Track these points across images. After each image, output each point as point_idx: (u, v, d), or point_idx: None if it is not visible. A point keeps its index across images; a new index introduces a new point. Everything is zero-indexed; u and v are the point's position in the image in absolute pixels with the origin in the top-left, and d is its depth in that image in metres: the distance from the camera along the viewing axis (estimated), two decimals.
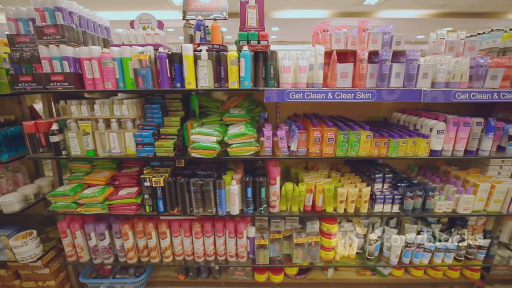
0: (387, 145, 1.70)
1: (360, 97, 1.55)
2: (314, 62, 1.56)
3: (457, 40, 1.73)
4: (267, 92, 1.56)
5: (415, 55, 1.54)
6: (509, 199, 1.81)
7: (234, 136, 1.67)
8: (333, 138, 1.67)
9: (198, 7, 1.90)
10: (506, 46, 1.72)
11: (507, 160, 1.97)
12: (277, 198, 1.83)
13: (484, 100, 1.56)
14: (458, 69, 1.56)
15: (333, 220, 1.99)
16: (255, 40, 1.66)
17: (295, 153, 1.74)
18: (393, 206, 1.85)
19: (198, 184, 1.76)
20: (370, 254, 2.00)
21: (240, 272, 2.26)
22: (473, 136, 1.70)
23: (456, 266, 2.13)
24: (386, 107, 2.31)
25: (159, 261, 2.03)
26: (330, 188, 1.81)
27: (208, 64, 1.58)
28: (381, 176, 1.87)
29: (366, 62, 1.56)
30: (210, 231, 1.96)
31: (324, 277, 2.30)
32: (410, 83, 1.58)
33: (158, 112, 1.85)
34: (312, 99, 1.55)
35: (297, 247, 1.96)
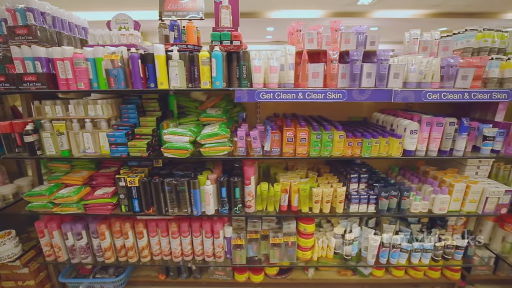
0: (361, 145, 1.70)
1: (331, 97, 1.55)
2: (284, 62, 1.56)
3: (431, 40, 1.73)
4: (237, 92, 1.56)
5: (385, 55, 1.54)
6: (484, 199, 1.81)
7: (207, 136, 1.67)
8: (305, 138, 1.67)
9: (174, 7, 1.90)
10: (480, 46, 1.72)
11: (484, 160, 1.97)
12: (252, 198, 1.83)
13: (455, 100, 1.56)
14: (429, 69, 1.56)
15: (310, 220, 1.99)
16: (228, 40, 1.66)
17: (268, 153, 1.74)
18: (369, 206, 1.85)
19: (172, 184, 1.76)
20: (347, 254, 2.00)
21: (221, 272, 2.26)
22: (447, 136, 1.70)
23: (432, 266, 2.12)
24: (367, 107, 2.31)
25: (137, 261, 2.03)
26: (305, 188, 1.81)
27: (179, 64, 1.58)
28: (356, 176, 1.87)
29: (337, 62, 1.56)
30: (187, 231, 1.96)
31: (305, 277, 2.31)
32: (382, 83, 1.58)
33: (134, 112, 1.85)
34: (282, 99, 1.55)
35: (274, 247, 1.97)
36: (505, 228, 2.04)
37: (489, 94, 1.56)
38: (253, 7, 7.32)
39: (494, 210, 1.84)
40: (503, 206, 1.83)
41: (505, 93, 1.56)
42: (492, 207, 1.83)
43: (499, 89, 1.57)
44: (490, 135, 1.72)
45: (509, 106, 2.08)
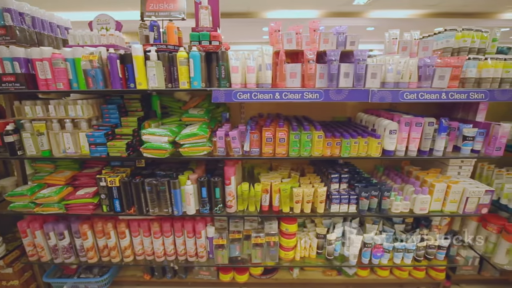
0: (340, 145, 1.70)
1: (308, 97, 1.55)
2: (261, 62, 1.56)
3: (410, 40, 1.72)
4: (214, 93, 1.56)
5: (363, 55, 1.54)
6: (464, 199, 1.81)
7: (186, 136, 1.68)
8: (284, 138, 1.67)
9: (155, 8, 1.90)
10: (460, 46, 1.71)
11: (466, 160, 1.97)
12: (232, 198, 1.84)
13: (433, 100, 1.56)
14: (406, 69, 1.56)
15: (292, 220, 1.99)
16: (207, 40, 1.66)
17: (248, 153, 1.74)
18: (350, 206, 1.85)
19: (152, 184, 1.77)
20: (329, 254, 2.00)
21: (205, 272, 2.26)
22: (426, 136, 1.70)
23: (414, 266, 2.12)
24: (352, 107, 2.31)
25: (120, 261, 2.03)
26: (286, 188, 1.81)
27: (157, 64, 1.59)
28: (337, 176, 1.87)
29: (314, 62, 1.56)
30: (169, 231, 1.96)
31: (290, 277, 2.31)
32: (359, 83, 1.58)
33: (115, 113, 1.85)
34: (259, 99, 1.55)
35: (256, 247, 1.97)
36: (488, 228, 2.04)
37: (467, 94, 1.56)
38: (248, 7, 7.32)
39: (475, 210, 1.84)
40: (484, 206, 1.83)
41: (482, 93, 1.56)
42: (473, 207, 1.83)
43: (477, 89, 1.57)
44: (470, 135, 1.72)
45: (491, 106, 2.09)
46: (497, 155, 1.72)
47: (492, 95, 1.57)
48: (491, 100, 1.58)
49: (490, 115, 2.10)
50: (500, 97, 1.58)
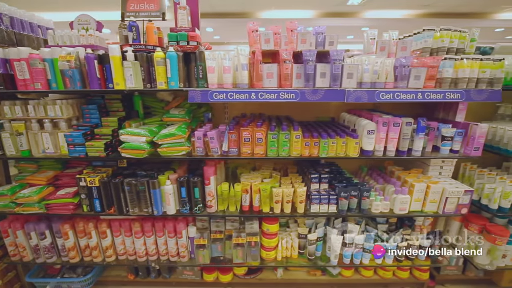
0: (318, 145, 1.70)
1: (284, 97, 1.55)
2: (237, 62, 1.57)
3: (388, 40, 1.73)
4: (190, 93, 1.57)
5: (339, 55, 1.54)
6: (444, 199, 1.81)
7: (164, 136, 1.68)
8: (262, 138, 1.67)
9: (136, 8, 1.91)
10: (438, 46, 1.71)
11: (447, 160, 1.97)
12: (212, 198, 1.84)
13: (409, 100, 1.56)
14: (382, 69, 1.56)
15: (273, 220, 1.99)
16: (185, 40, 1.66)
17: (226, 153, 1.74)
18: (330, 206, 1.85)
19: (132, 184, 1.77)
20: (310, 254, 2.00)
21: (189, 272, 2.27)
22: (404, 136, 1.70)
23: (394, 266, 2.13)
24: (336, 107, 2.31)
25: (102, 261, 2.04)
26: (266, 188, 1.81)
27: (133, 65, 1.59)
28: (317, 177, 1.87)
29: (291, 63, 1.56)
30: (150, 230, 1.96)
31: (274, 277, 2.31)
32: (336, 83, 1.58)
33: (95, 113, 1.86)
34: (235, 99, 1.56)
35: (237, 247, 1.97)
36: (469, 228, 2.04)
37: (443, 94, 1.56)
38: (242, 7, 7.32)
39: (454, 210, 1.84)
40: (464, 206, 1.83)
41: (459, 93, 1.56)
42: (453, 207, 1.83)
43: (453, 89, 1.57)
44: (448, 135, 1.72)
45: (471, 106, 2.09)
46: (476, 155, 1.72)
47: (468, 95, 1.57)
48: (467, 100, 1.58)
49: (474, 116, 2.13)
50: (476, 97, 1.58)
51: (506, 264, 2.00)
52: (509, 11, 7.08)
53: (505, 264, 2.00)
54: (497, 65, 1.58)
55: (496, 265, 1.98)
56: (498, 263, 1.98)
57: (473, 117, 2.13)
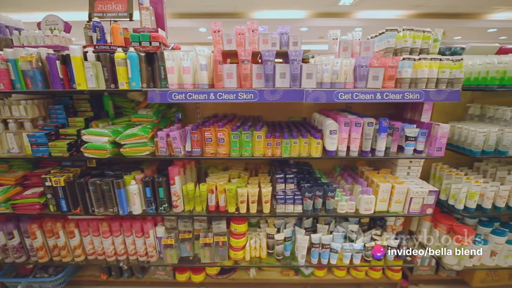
0: (280, 146, 1.70)
1: (242, 97, 1.56)
2: (196, 63, 1.57)
3: (351, 40, 1.73)
4: (149, 93, 1.57)
5: (297, 56, 1.55)
6: (409, 199, 1.81)
7: (126, 136, 1.68)
8: (223, 138, 1.67)
9: (103, 9, 1.91)
10: (401, 47, 1.71)
11: (414, 161, 1.97)
12: (178, 198, 1.84)
13: (368, 100, 1.57)
14: (341, 69, 1.57)
15: (241, 220, 2.00)
16: (147, 41, 1.67)
17: (190, 153, 1.75)
18: (295, 206, 1.85)
19: (96, 184, 1.77)
20: (278, 254, 2.00)
21: (161, 272, 2.27)
22: (366, 136, 1.70)
23: (360, 266, 2.13)
24: (308, 107, 2.32)
25: (71, 260, 2.04)
26: (231, 188, 1.82)
27: (94, 65, 1.60)
28: (282, 177, 1.88)
29: (249, 63, 1.57)
30: (118, 230, 1.97)
31: (247, 277, 2.31)
32: (295, 84, 1.58)
33: (62, 113, 1.86)
34: (194, 99, 1.56)
35: (204, 247, 1.97)
36: (438, 229, 2.03)
37: (401, 95, 1.56)
38: (235, 7, 7.33)
39: (419, 211, 1.84)
40: (429, 207, 1.83)
41: (417, 93, 1.57)
42: (418, 208, 1.83)
43: (412, 89, 1.57)
44: (411, 135, 1.72)
45: (443, 107, 2.11)
46: (438, 155, 1.72)
47: (428, 95, 1.57)
48: (426, 101, 1.59)
49: (447, 116, 2.14)
50: (435, 97, 1.58)
51: (474, 264, 2.00)
52: (501, 11, 7.07)
53: (473, 264, 1.99)
54: (456, 65, 1.58)
55: (464, 265, 1.98)
56: (466, 263, 1.98)
57: (446, 118, 2.14)
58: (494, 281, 2.24)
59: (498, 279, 2.24)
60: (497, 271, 2.21)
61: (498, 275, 2.23)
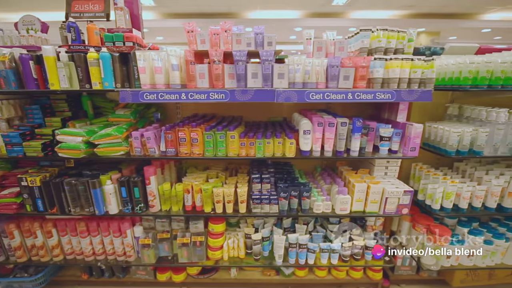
0: (253, 146, 1.70)
1: (214, 97, 1.56)
2: (168, 63, 1.57)
3: (325, 40, 1.73)
4: (121, 93, 1.57)
5: (268, 56, 1.55)
6: (384, 199, 1.81)
7: (100, 136, 1.69)
8: (197, 138, 1.68)
9: (80, 9, 1.92)
10: (376, 47, 1.71)
11: (392, 161, 1.96)
12: (154, 197, 1.84)
13: (339, 100, 1.56)
14: (312, 69, 1.57)
15: (218, 220, 2.00)
16: (121, 41, 1.67)
17: (164, 153, 1.75)
18: (271, 206, 1.85)
19: (71, 184, 1.78)
20: (256, 254, 2.00)
21: (142, 272, 2.27)
22: (340, 136, 1.70)
23: (339, 266, 2.14)
24: (288, 107, 2.32)
25: (49, 260, 2.05)
26: (207, 188, 1.82)
27: (66, 65, 1.60)
28: (258, 177, 1.88)
29: (221, 63, 1.57)
30: (96, 230, 1.97)
31: (228, 277, 2.31)
32: (267, 84, 1.58)
33: (38, 113, 1.87)
34: (166, 100, 1.56)
35: (182, 247, 1.97)
36: (416, 229, 2.04)
37: (373, 95, 1.56)
38: (229, 8, 7.34)
39: (395, 211, 1.84)
40: (404, 207, 1.83)
41: (389, 93, 1.57)
42: (393, 208, 1.83)
43: (383, 89, 1.57)
44: (386, 136, 1.72)
45: (425, 107, 2.11)
46: (412, 155, 1.73)
47: (399, 95, 1.57)
48: (398, 101, 1.59)
49: (428, 116, 2.16)
50: (407, 97, 1.58)
51: (452, 264, 2.00)
52: (495, 11, 7.08)
53: (451, 264, 1.99)
54: (428, 65, 1.58)
55: (441, 265, 1.98)
56: (443, 263, 1.98)
57: (427, 118, 2.15)
58: (474, 281, 2.24)
59: (478, 279, 2.24)
60: (477, 271, 2.21)
61: (478, 275, 2.23)
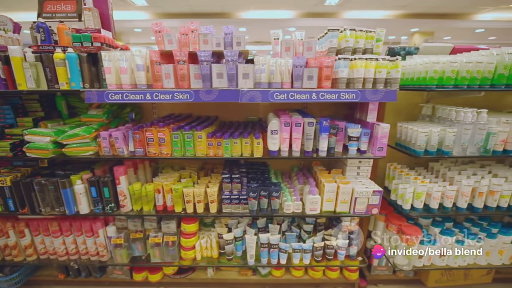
0: (221, 146, 1.71)
1: (178, 97, 1.56)
2: (133, 63, 1.58)
3: (292, 40, 1.73)
4: (87, 93, 1.58)
5: (233, 56, 1.55)
6: (354, 199, 1.81)
7: (68, 136, 1.69)
8: (164, 138, 1.68)
9: (52, 9, 1.92)
10: (344, 47, 1.71)
11: (364, 161, 1.96)
12: (124, 197, 1.85)
13: (303, 100, 1.57)
14: (276, 69, 1.57)
15: (191, 220, 2.00)
16: (89, 41, 1.68)
17: (133, 153, 1.75)
18: (242, 206, 1.85)
19: (41, 184, 1.78)
20: (228, 254, 2.00)
21: (118, 271, 2.27)
22: (307, 136, 1.71)
23: (312, 266, 2.16)
24: (264, 107, 2.32)
25: (22, 260, 2.05)
26: (177, 188, 1.82)
27: (33, 65, 1.61)
28: (228, 177, 1.88)
29: (186, 63, 1.57)
30: (69, 230, 1.98)
31: (205, 277, 2.32)
32: (232, 84, 1.58)
33: (10, 113, 1.88)
34: (131, 100, 1.57)
35: (154, 247, 1.98)
36: (389, 229, 2.04)
37: (337, 95, 1.56)
38: (222, 8, 7.35)
39: (365, 211, 1.84)
40: (374, 207, 1.83)
41: (354, 93, 1.57)
42: (363, 208, 1.83)
43: (348, 89, 1.57)
44: (354, 135, 1.72)
45: (396, 107, 2.12)
46: (380, 155, 1.73)
47: (364, 95, 1.57)
48: (362, 101, 1.59)
49: (404, 116, 2.17)
50: (371, 97, 1.58)
51: (424, 264, 1.99)
52: (488, 11, 7.07)
53: (423, 264, 1.99)
54: (393, 65, 1.58)
55: (413, 265, 1.98)
56: (415, 263, 1.98)
57: (403, 118, 2.15)
58: (449, 281, 2.24)
59: (454, 279, 2.24)
60: (452, 271, 2.21)
61: (453, 275, 2.23)
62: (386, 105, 1.97)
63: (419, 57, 1.96)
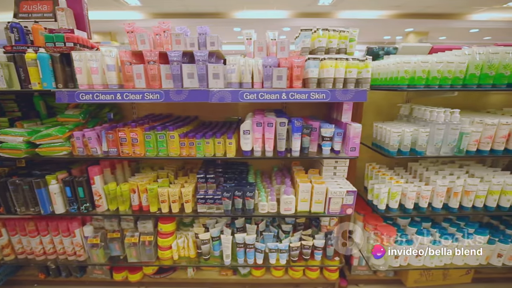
0: (193, 146, 1.71)
1: (149, 97, 1.56)
2: (103, 64, 1.58)
3: (265, 40, 1.73)
4: (57, 94, 1.58)
5: (202, 56, 1.56)
6: (328, 199, 1.81)
7: (41, 136, 1.70)
8: (136, 138, 1.68)
9: (29, 9, 1.93)
10: (317, 47, 1.72)
11: (340, 161, 1.96)
12: (99, 197, 1.85)
13: (273, 100, 1.57)
14: (246, 69, 1.57)
15: (167, 220, 2.01)
16: (61, 42, 1.68)
17: (107, 153, 1.76)
18: (217, 206, 1.86)
19: (15, 183, 1.79)
20: (204, 254, 2.00)
21: (98, 271, 2.28)
22: (280, 136, 1.71)
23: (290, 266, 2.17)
24: (244, 107, 2.32)
25: (0, 260, 2.05)
26: (152, 188, 1.82)
27: (6, 66, 1.61)
28: (203, 177, 1.88)
29: (156, 63, 1.57)
30: (45, 229, 1.98)
31: (185, 277, 2.32)
32: (203, 84, 1.59)
33: None
34: (102, 100, 1.57)
35: (131, 246, 1.98)
36: (366, 229, 2.04)
37: (307, 94, 1.56)
38: (216, 7, 7.35)
39: (339, 211, 1.84)
40: (348, 207, 1.83)
41: (324, 93, 1.57)
42: (337, 208, 1.83)
43: (318, 89, 1.57)
44: (327, 135, 1.72)
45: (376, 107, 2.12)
46: (353, 155, 1.73)
47: (334, 95, 1.57)
48: (332, 101, 1.59)
49: (384, 116, 2.17)
50: (341, 97, 1.58)
51: (401, 264, 1.99)
52: (481, 12, 7.06)
53: (400, 264, 1.99)
54: (363, 65, 1.58)
55: (389, 265, 1.98)
56: (391, 263, 1.98)
57: (383, 117, 2.16)
58: (428, 281, 2.24)
59: (433, 279, 2.24)
60: (431, 271, 2.21)
61: (432, 275, 2.23)
62: (363, 105, 1.97)
63: (395, 57, 1.96)
